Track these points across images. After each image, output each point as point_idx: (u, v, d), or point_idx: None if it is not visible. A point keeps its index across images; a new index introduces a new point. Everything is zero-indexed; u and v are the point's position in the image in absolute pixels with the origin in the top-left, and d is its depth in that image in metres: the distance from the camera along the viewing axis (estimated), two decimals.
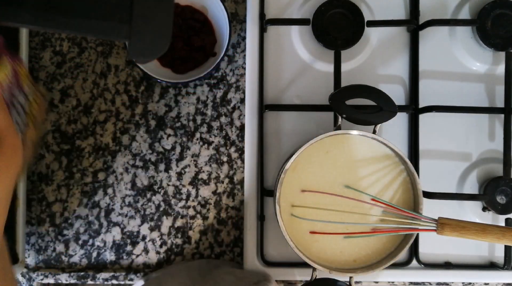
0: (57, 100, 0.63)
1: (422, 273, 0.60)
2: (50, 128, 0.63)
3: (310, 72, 0.62)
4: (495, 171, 0.61)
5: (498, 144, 0.61)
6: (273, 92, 0.62)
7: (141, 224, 0.62)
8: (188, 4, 0.60)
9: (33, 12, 0.35)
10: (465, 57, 0.62)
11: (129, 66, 0.63)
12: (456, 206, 0.61)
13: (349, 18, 0.59)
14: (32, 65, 0.63)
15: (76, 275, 0.61)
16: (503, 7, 0.59)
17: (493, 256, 0.62)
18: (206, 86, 0.63)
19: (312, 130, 0.61)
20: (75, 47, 0.63)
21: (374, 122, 0.52)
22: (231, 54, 0.63)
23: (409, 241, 0.52)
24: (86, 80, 0.63)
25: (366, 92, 0.53)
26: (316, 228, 0.54)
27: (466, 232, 0.48)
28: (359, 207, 0.53)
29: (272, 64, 0.62)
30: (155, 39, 0.38)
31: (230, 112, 0.63)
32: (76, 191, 0.62)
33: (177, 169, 0.63)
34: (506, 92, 0.60)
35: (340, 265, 0.54)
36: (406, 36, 0.63)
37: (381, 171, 0.54)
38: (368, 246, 0.54)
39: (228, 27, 0.57)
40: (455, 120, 0.62)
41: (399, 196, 0.54)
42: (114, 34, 0.37)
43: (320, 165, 0.54)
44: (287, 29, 0.62)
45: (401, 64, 0.62)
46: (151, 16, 0.37)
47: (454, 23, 0.61)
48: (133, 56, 0.38)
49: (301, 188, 0.54)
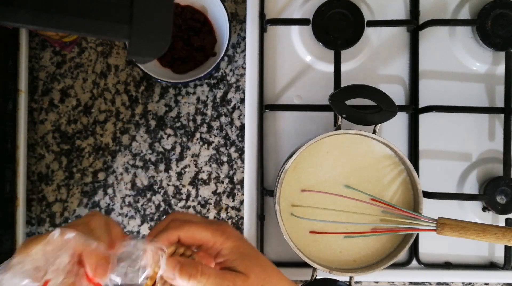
0: (57, 100, 0.63)
1: (422, 273, 0.60)
2: (50, 128, 0.63)
3: (310, 72, 0.62)
4: (495, 171, 0.61)
5: (498, 144, 0.61)
6: (273, 92, 0.62)
7: (141, 224, 0.62)
8: (188, 4, 0.60)
9: (33, 12, 0.35)
10: (465, 57, 0.62)
11: (129, 66, 0.63)
12: (456, 206, 0.61)
13: (349, 18, 0.59)
14: (32, 65, 0.63)
15: None
16: (503, 7, 0.59)
17: (493, 256, 0.62)
18: (206, 86, 0.63)
19: (312, 130, 0.61)
20: (75, 47, 0.63)
21: (374, 122, 0.52)
22: (231, 54, 0.63)
23: (409, 241, 0.52)
24: (86, 80, 0.63)
25: (366, 92, 0.53)
26: (316, 228, 0.54)
27: (466, 232, 0.48)
28: (359, 207, 0.53)
29: (272, 64, 0.62)
30: (155, 39, 0.38)
31: (230, 112, 0.63)
32: (76, 191, 0.62)
33: (177, 169, 0.63)
34: (506, 92, 0.60)
35: (340, 265, 0.54)
36: (406, 36, 0.63)
37: (381, 171, 0.54)
38: (368, 246, 0.54)
39: (228, 27, 0.57)
40: (455, 120, 0.62)
41: (399, 196, 0.54)
42: (114, 34, 0.37)
43: (320, 165, 0.54)
44: (287, 29, 0.62)
45: (401, 64, 0.62)
46: (151, 16, 0.37)
47: (454, 23, 0.61)
48: (133, 56, 0.38)
49: (301, 188, 0.54)
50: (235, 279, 0.38)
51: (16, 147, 0.59)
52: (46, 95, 0.63)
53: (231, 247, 0.40)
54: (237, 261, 0.40)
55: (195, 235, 0.40)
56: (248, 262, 0.40)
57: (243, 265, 0.39)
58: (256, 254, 0.41)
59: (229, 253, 0.40)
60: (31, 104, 0.63)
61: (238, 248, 0.40)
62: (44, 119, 0.63)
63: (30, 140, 0.62)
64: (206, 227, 0.40)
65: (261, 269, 0.40)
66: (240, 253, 0.40)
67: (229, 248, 0.40)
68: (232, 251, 0.40)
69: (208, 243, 0.40)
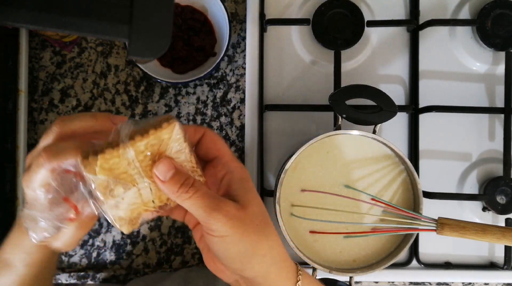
0: (57, 100, 0.63)
1: (422, 273, 0.60)
2: None
3: (310, 72, 0.62)
4: (495, 171, 0.61)
5: (498, 144, 0.61)
6: (273, 92, 0.62)
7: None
8: (188, 4, 0.60)
9: (33, 12, 0.35)
10: (465, 57, 0.62)
11: (129, 66, 0.63)
12: (456, 206, 0.61)
13: (349, 18, 0.59)
14: (32, 65, 0.63)
15: (76, 275, 0.61)
16: (503, 7, 0.59)
17: (493, 256, 0.62)
18: (206, 86, 0.63)
19: (312, 130, 0.61)
20: (75, 47, 0.63)
21: (374, 122, 0.52)
22: (231, 54, 0.63)
23: (409, 241, 0.52)
24: (86, 80, 0.63)
25: (366, 92, 0.53)
26: (316, 228, 0.54)
27: (466, 232, 0.48)
28: (359, 207, 0.53)
29: (272, 64, 0.62)
30: (155, 39, 0.38)
31: (230, 112, 0.63)
32: None
33: None
34: (506, 92, 0.60)
35: (340, 265, 0.54)
36: (406, 36, 0.63)
37: (381, 171, 0.54)
38: (368, 246, 0.54)
39: (228, 27, 0.57)
40: (455, 120, 0.62)
41: (399, 196, 0.54)
42: (114, 34, 0.37)
43: (320, 165, 0.54)
44: (287, 29, 0.62)
45: (401, 64, 0.62)
46: (151, 16, 0.37)
47: (454, 23, 0.61)
48: (133, 56, 0.38)
49: (301, 188, 0.54)
50: (231, 206, 0.35)
51: (16, 147, 0.59)
52: (46, 95, 0.63)
53: (240, 177, 0.38)
54: (240, 190, 0.37)
55: (219, 144, 0.38)
56: (251, 198, 0.36)
57: (245, 198, 0.36)
58: (262, 204, 0.38)
59: (236, 182, 0.37)
60: (31, 104, 0.63)
61: (246, 182, 0.38)
62: (44, 119, 0.63)
63: (30, 140, 0.62)
64: (230, 151, 0.38)
65: (263, 215, 0.37)
66: (246, 188, 0.37)
67: (237, 178, 0.37)
68: (240, 180, 0.37)
69: (223, 158, 0.38)
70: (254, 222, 0.36)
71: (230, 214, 0.34)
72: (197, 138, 0.39)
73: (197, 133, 0.38)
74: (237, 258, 0.35)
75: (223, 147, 0.39)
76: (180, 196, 0.34)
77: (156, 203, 0.36)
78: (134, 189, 0.35)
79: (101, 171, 0.33)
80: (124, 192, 0.34)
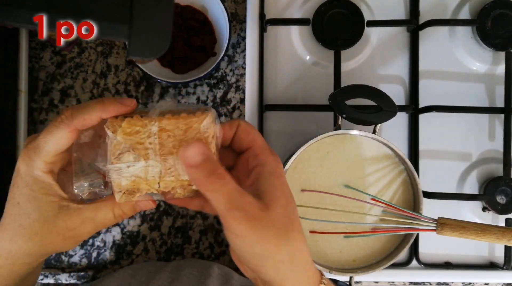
0: (57, 100, 0.63)
1: (422, 273, 0.60)
2: None
3: (310, 72, 0.62)
4: (495, 171, 0.61)
5: (498, 144, 0.61)
6: (273, 92, 0.62)
7: (141, 224, 0.62)
8: (188, 4, 0.60)
9: (33, 12, 0.35)
10: (465, 57, 0.62)
11: (129, 66, 0.63)
12: (456, 206, 0.61)
13: (349, 18, 0.59)
14: (32, 65, 0.63)
15: (76, 275, 0.61)
16: (503, 7, 0.59)
17: (493, 256, 0.62)
18: (206, 86, 0.63)
19: (312, 130, 0.61)
20: (75, 47, 0.63)
21: (374, 122, 0.52)
22: (231, 54, 0.63)
23: (409, 241, 0.52)
24: (86, 80, 0.63)
25: (366, 92, 0.53)
26: (316, 227, 0.54)
27: (466, 232, 0.48)
28: (359, 207, 0.53)
29: (272, 64, 0.62)
30: (155, 39, 0.38)
31: (230, 112, 0.63)
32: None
33: None
34: (506, 92, 0.60)
35: (340, 265, 0.54)
36: (406, 36, 0.63)
37: (381, 171, 0.54)
38: (368, 246, 0.54)
39: (228, 27, 0.57)
40: (455, 120, 0.62)
41: (399, 196, 0.54)
42: (114, 34, 0.37)
43: (320, 165, 0.54)
44: (287, 29, 0.62)
45: (401, 64, 0.62)
46: (151, 16, 0.37)
47: (454, 23, 0.61)
48: (133, 56, 0.38)
49: (301, 188, 0.54)
50: (253, 206, 0.32)
51: (16, 147, 0.59)
52: (46, 95, 0.63)
53: (269, 171, 0.35)
54: (267, 186, 0.34)
55: (252, 134, 0.36)
56: (277, 197, 0.34)
57: (271, 197, 0.34)
58: (291, 197, 0.36)
59: (264, 176, 0.35)
60: (31, 104, 0.63)
61: (276, 178, 0.35)
62: (44, 119, 0.63)
63: None
64: (264, 143, 0.37)
65: (287, 218, 0.34)
66: (274, 185, 0.34)
67: (267, 172, 0.35)
68: (269, 175, 0.35)
69: (256, 149, 0.36)
70: (276, 225, 0.33)
71: (250, 215, 0.32)
72: (232, 134, 0.37)
73: (232, 128, 0.37)
74: (251, 259, 0.34)
75: (257, 138, 0.37)
76: (206, 186, 0.32)
77: (161, 186, 0.36)
78: (143, 163, 0.35)
79: (121, 132, 0.34)
80: (132, 161, 0.35)
